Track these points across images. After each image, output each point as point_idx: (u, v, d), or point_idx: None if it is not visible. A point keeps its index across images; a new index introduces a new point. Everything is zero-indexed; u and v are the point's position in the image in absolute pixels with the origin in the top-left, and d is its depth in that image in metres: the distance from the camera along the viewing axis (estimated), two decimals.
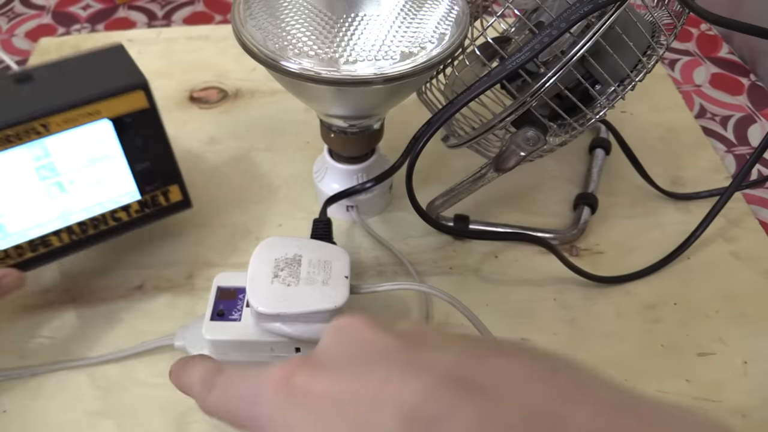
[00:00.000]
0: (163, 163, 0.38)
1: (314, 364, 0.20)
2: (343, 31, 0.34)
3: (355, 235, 0.45)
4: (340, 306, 0.32)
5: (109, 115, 0.35)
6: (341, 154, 0.43)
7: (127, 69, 0.36)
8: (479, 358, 0.18)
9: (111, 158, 0.36)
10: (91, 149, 0.35)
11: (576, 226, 0.45)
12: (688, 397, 0.37)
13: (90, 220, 0.37)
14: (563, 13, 0.32)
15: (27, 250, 0.36)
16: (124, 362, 0.38)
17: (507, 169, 0.38)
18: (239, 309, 0.36)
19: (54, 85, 0.35)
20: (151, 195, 0.38)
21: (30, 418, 0.35)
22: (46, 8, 0.69)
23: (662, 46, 0.38)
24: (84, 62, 0.37)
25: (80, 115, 0.34)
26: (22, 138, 0.33)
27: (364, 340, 0.20)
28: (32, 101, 0.34)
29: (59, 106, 0.34)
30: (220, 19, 0.68)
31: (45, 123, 0.34)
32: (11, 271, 0.35)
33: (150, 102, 0.36)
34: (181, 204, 0.40)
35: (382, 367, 0.18)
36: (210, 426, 0.35)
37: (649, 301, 0.42)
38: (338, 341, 0.20)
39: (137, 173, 0.37)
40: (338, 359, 0.20)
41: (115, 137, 0.36)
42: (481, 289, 0.42)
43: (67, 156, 0.35)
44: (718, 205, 0.43)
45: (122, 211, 0.38)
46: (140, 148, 0.37)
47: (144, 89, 0.36)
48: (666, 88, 0.59)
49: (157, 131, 0.37)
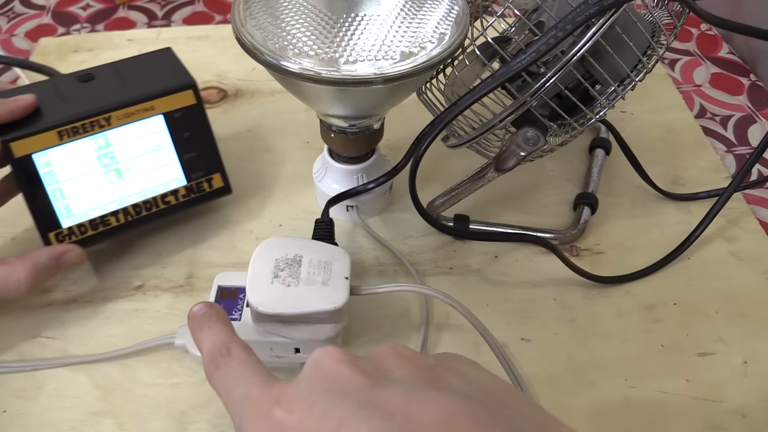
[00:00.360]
0: (208, 153, 0.42)
1: (291, 399, 0.22)
2: (343, 31, 0.34)
3: (355, 235, 0.45)
4: (339, 307, 0.32)
5: (162, 111, 0.40)
6: (341, 154, 0.43)
7: (177, 70, 0.41)
8: (422, 400, 0.20)
9: (162, 148, 0.41)
10: (145, 140, 0.40)
11: (576, 226, 0.45)
12: (688, 397, 0.37)
13: (143, 203, 0.41)
14: (568, 15, 0.32)
15: (88, 228, 0.40)
16: (124, 362, 0.38)
17: (507, 169, 0.38)
18: (239, 309, 0.36)
19: (113, 84, 0.40)
20: (196, 182, 0.43)
21: (30, 418, 0.35)
22: (46, 8, 0.69)
23: (662, 46, 0.38)
24: (138, 64, 0.42)
25: (137, 111, 0.39)
26: (87, 130, 0.38)
27: (333, 378, 0.22)
28: (95, 98, 0.38)
29: (120, 103, 0.38)
30: (220, 19, 0.68)
31: (107, 117, 0.38)
32: (73, 247, 0.39)
33: (197, 99, 0.41)
34: (222, 190, 0.44)
35: (342, 407, 0.20)
36: (210, 426, 0.35)
37: (649, 301, 0.42)
38: (313, 377, 0.23)
39: (184, 162, 0.41)
40: (310, 395, 0.22)
41: (167, 130, 0.40)
42: (481, 289, 0.42)
43: (125, 146, 0.39)
44: (717, 205, 0.43)
45: (171, 195, 0.42)
46: (188, 140, 0.41)
47: (193, 88, 0.40)
48: (666, 88, 0.59)
49: (203, 125, 0.41)
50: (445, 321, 0.40)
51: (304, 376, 0.23)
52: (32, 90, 0.38)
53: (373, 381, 0.22)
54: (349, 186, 0.44)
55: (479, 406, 0.20)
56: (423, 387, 0.21)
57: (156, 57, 0.42)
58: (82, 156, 0.38)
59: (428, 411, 0.20)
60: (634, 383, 0.38)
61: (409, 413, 0.20)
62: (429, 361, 0.23)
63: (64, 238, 0.39)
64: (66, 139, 0.37)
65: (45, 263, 0.37)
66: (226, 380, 0.25)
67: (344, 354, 0.23)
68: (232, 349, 0.27)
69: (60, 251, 0.38)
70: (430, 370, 0.22)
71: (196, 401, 0.36)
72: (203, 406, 0.36)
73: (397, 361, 0.23)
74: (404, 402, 0.20)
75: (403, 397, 0.20)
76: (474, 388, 0.21)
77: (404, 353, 0.24)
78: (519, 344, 0.39)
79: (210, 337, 0.28)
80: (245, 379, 0.25)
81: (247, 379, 0.25)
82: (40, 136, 0.37)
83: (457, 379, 0.22)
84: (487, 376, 0.23)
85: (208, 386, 0.36)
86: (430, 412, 0.20)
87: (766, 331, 0.40)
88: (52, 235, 0.39)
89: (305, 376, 0.23)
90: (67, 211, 0.39)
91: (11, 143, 0.36)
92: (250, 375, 0.25)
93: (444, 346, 0.39)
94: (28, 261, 0.36)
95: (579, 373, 0.38)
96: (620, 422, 0.36)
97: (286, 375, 0.36)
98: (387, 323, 0.40)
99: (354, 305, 0.38)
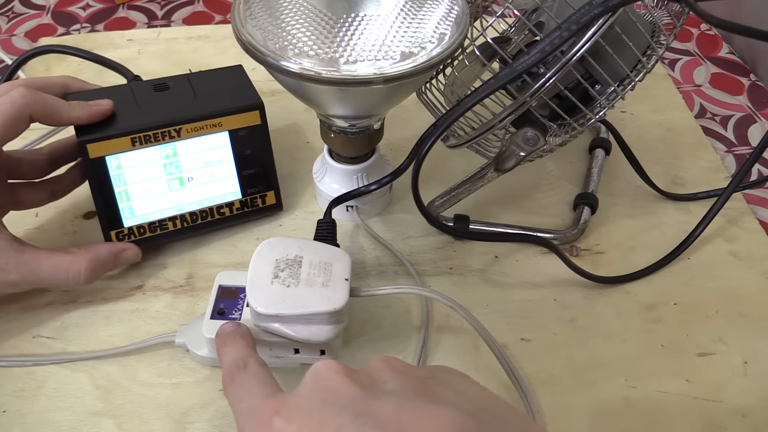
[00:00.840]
0: (265, 171, 0.44)
1: (290, 409, 0.23)
2: (343, 31, 0.34)
3: (355, 235, 0.45)
4: (339, 308, 0.32)
5: (228, 128, 0.41)
6: (341, 154, 0.43)
7: (246, 89, 0.43)
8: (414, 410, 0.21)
9: (224, 163, 0.42)
10: (209, 154, 0.42)
11: (576, 226, 0.45)
12: (688, 397, 0.37)
13: (199, 212, 0.43)
14: (573, 15, 0.32)
15: (147, 230, 0.42)
16: (124, 362, 0.38)
17: (507, 169, 0.38)
18: (239, 308, 0.36)
19: (186, 96, 0.42)
20: (251, 197, 0.44)
21: (30, 418, 0.35)
22: (45, 8, 0.69)
23: (662, 45, 0.38)
24: (211, 78, 0.44)
25: (206, 125, 0.41)
26: (158, 139, 0.40)
27: (330, 389, 0.23)
28: (168, 109, 0.41)
29: (191, 117, 0.40)
30: (220, 19, 0.68)
31: (178, 129, 0.40)
32: (132, 246, 0.41)
33: (263, 120, 0.42)
34: (274, 206, 0.45)
35: (338, 418, 0.21)
36: (210, 426, 0.35)
37: (649, 301, 0.42)
38: (311, 388, 0.24)
39: (243, 177, 0.43)
40: (308, 406, 0.23)
41: (230, 146, 0.42)
42: (481, 289, 0.42)
43: (190, 157, 0.41)
44: (717, 205, 0.43)
45: (226, 207, 0.44)
46: (248, 157, 0.43)
47: (260, 109, 0.42)
48: (666, 88, 0.59)
49: (265, 144, 0.43)
50: (445, 322, 0.40)
51: (303, 387, 0.24)
52: (111, 94, 0.41)
53: (368, 392, 0.22)
54: (348, 186, 0.44)
55: (470, 418, 0.20)
56: (415, 398, 0.22)
57: (228, 73, 0.44)
58: (150, 162, 0.40)
59: (420, 422, 0.20)
60: (634, 383, 0.38)
61: (401, 423, 0.20)
62: (421, 374, 0.24)
63: (124, 237, 0.41)
64: (138, 146, 0.40)
65: (105, 257, 0.39)
66: (237, 392, 0.27)
67: (342, 367, 0.24)
68: (248, 364, 0.28)
69: (120, 248, 0.40)
70: (422, 382, 0.23)
71: (196, 401, 0.36)
72: (203, 406, 0.36)
73: (391, 373, 0.24)
74: (396, 412, 0.21)
75: (396, 407, 0.21)
76: (465, 399, 0.22)
77: (397, 366, 0.24)
78: (519, 344, 0.39)
79: (231, 353, 0.30)
80: (252, 391, 0.26)
81: (254, 391, 0.26)
82: (114, 141, 0.39)
83: (449, 392, 0.23)
84: (477, 388, 0.24)
85: (208, 386, 0.37)
86: (421, 422, 0.20)
87: (766, 331, 0.40)
88: (113, 232, 0.41)
89: (304, 388, 0.24)
90: (129, 212, 0.41)
91: (88, 145, 0.38)
92: (258, 387, 0.27)
93: (444, 347, 0.39)
94: (90, 254, 0.39)
95: (579, 373, 0.38)
96: (620, 422, 0.36)
97: (285, 375, 0.36)
98: (387, 324, 0.40)
99: (354, 305, 0.38)
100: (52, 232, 0.45)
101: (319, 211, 0.47)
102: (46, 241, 0.44)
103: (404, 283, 0.42)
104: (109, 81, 0.49)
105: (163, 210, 0.42)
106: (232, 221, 0.44)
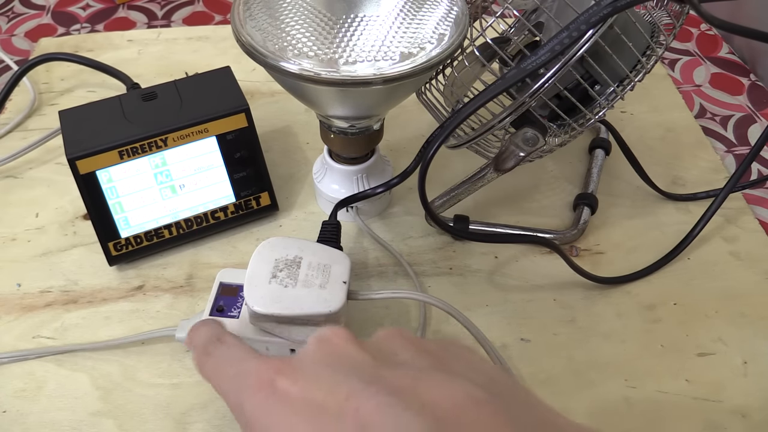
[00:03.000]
0: (257, 172, 0.44)
1: (294, 369, 0.22)
2: (342, 32, 0.34)
3: (355, 235, 0.46)
4: (335, 311, 0.32)
5: (215, 133, 0.41)
6: (341, 154, 0.43)
7: (232, 92, 0.43)
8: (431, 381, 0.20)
9: (214, 168, 0.43)
10: (199, 160, 0.42)
11: (576, 226, 0.45)
12: (687, 397, 0.37)
13: (194, 218, 0.43)
14: (582, 15, 0.32)
15: (143, 239, 0.42)
16: (125, 363, 0.38)
17: (507, 170, 0.38)
18: (239, 306, 0.36)
19: (172, 104, 0.42)
20: (245, 199, 0.44)
21: (30, 418, 0.35)
22: (45, 8, 0.69)
23: (661, 46, 0.38)
24: (197, 82, 0.44)
25: (192, 132, 0.41)
26: (146, 150, 0.40)
27: (340, 353, 0.22)
28: (155, 119, 0.41)
29: (176, 126, 0.40)
30: (220, 19, 0.68)
31: (164, 138, 0.40)
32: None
33: (249, 122, 0.42)
34: (269, 207, 0.45)
35: (349, 382, 0.20)
36: (210, 426, 0.35)
37: (649, 301, 0.42)
38: (318, 351, 0.22)
39: (235, 181, 0.43)
40: (315, 368, 0.21)
41: (219, 151, 0.42)
42: (481, 289, 0.42)
43: (179, 165, 0.42)
44: (715, 204, 0.43)
45: (220, 211, 0.44)
46: (238, 160, 0.43)
47: (245, 112, 0.42)
48: (666, 88, 0.59)
49: (254, 146, 0.43)
50: (444, 323, 0.40)
51: (306, 350, 0.23)
52: (101, 108, 0.42)
53: (379, 361, 0.22)
54: (349, 186, 0.44)
55: (481, 389, 0.20)
56: (429, 369, 0.22)
57: (215, 76, 0.44)
58: (141, 173, 0.41)
59: (435, 390, 0.20)
60: (633, 383, 0.38)
61: (417, 392, 0.20)
62: (432, 346, 0.24)
63: (122, 247, 0.42)
64: (126, 158, 0.40)
65: None
66: (219, 363, 0.25)
67: (349, 334, 0.23)
68: (224, 338, 0.26)
69: None
70: (434, 354, 0.23)
71: (196, 401, 0.36)
72: (203, 406, 0.36)
73: (403, 342, 0.23)
74: (413, 383, 0.20)
75: (412, 379, 0.20)
76: (475, 372, 0.22)
77: (408, 336, 0.24)
78: (519, 344, 0.39)
79: (202, 333, 0.27)
80: (239, 356, 0.24)
81: (241, 356, 0.24)
82: (102, 155, 0.39)
83: (460, 364, 0.22)
84: (485, 362, 0.23)
85: (209, 386, 0.36)
86: (437, 391, 0.20)
87: (766, 331, 0.40)
88: (111, 244, 0.42)
89: (309, 351, 0.23)
90: (125, 223, 0.42)
91: (77, 161, 0.39)
92: (243, 353, 0.24)
93: None
94: None
95: (579, 373, 0.38)
96: (620, 422, 0.36)
97: None
98: (386, 324, 0.40)
99: (353, 306, 0.38)
100: (52, 232, 0.45)
101: (319, 212, 0.47)
102: (46, 241, 0.44)
103: (404, 284, 0.42)
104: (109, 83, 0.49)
105: (158, 219, 0.42)
106: (227, 225, 0.45)
